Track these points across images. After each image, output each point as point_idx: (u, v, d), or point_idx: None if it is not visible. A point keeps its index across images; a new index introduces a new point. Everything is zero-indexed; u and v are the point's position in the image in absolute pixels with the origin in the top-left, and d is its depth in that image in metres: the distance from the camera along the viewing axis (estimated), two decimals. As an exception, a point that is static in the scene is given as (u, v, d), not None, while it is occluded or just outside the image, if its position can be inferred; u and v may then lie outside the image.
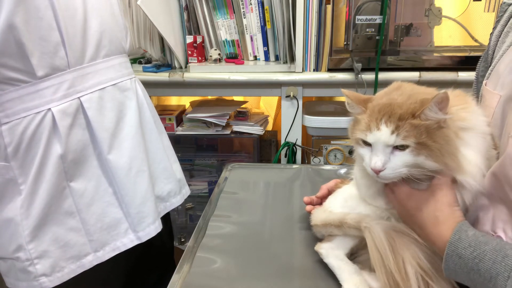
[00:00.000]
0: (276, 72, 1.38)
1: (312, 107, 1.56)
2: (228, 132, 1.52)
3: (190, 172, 1.67)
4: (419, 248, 0.61)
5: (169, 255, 1.23)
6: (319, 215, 0.79)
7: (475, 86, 0.77)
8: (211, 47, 1.50)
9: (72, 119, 0.81)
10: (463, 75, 1.29)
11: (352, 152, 1.41)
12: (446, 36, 1.44)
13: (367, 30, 1.28)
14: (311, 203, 0.87)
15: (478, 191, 0.61)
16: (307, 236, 0.84)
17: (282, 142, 1.46)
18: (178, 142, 1.60)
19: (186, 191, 1.12)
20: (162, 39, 1.47)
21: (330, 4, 1.30)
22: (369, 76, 1.31)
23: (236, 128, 1.53)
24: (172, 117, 1.55)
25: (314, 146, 1.45)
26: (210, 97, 1.73)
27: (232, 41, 1.49)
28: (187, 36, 1.46)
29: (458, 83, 1.30)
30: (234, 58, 1.49)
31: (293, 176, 1.21)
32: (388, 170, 0.59)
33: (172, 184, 1.04)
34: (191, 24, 1.48)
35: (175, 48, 1.43)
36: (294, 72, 1.37)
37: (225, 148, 1.69)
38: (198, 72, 1.41)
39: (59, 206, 0.81)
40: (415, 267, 0.60)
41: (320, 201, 0.86)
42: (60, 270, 0.82)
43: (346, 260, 0.71)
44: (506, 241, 0.55)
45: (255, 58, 1.49)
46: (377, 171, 0.59)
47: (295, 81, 1.37)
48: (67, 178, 0.82)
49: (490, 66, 0.70)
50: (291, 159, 1.46)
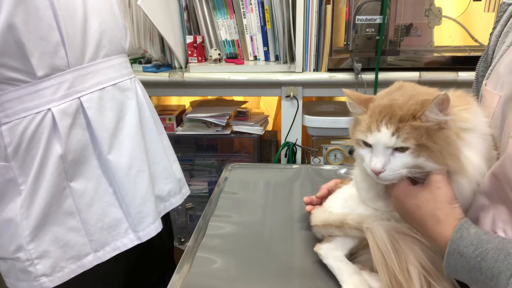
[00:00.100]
0: (276, 72, 1.38)
1: (312, 107, 1.56)
2: (228, 132, 1.52)
3: (190, 172, 1.67)
4: (421, 249, 0.61)
5: (169, 255, 1.23)
6: (319, 215, 0.79)
7: (475, 86, 0.77)
8: (211, 47, 1.50)
9: (72, 119, 0.81)
10: (463, 75, 1.29)
11: (352, 152, 1.41)
12: (446, 36, 1.44)
13: (367, 30, 1.28)
14: (311, 203, 0.87)
15: (478, 191, 0.61)
16: (307, 236, 0.84)
17: (282, 142, 1.46)
18: (178, 142, 1.60)
19: (186, 191, 1.12)
20: (162, 39, 1.47)
21: (330, 4, 1.30)
22: (369, 76, 1.31)
23: (236, 128, 1.53)
24: (172, 117, 1.55)
25: (314, 146, 1.45)
26: (210, 97, 1.73)
27: (232, 41, 1.49)
28: (187, 36, 1.46)
29: (458, 83, 1.30)
30: (234, 58, 1.49)
31: (293, 176, 1.21)
32: (388, 172, 0.59)
33: (172, 184, 1.04)
34: (191, 24, 1.48)
35: (175, 48, 1.43)
36: (294, 72, 1.37)
37: (225, 148, 1.69)
38: (198, 72, 1.41)
39: (59, 206, 0.81)
40: (418, 268, 0.60)
41: (320, 201, 0.86)
42: (60, 270, 0.82)
43: (345, 260, 0.71)
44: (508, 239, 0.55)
45: (255, 58, 1.49)
46: (376, 173, 0.59)
47: (295, 81, 1.37)
48: (67, 178, 0.82)
49: (490, 66, 0.70)
50: (291, 159, 1.46)
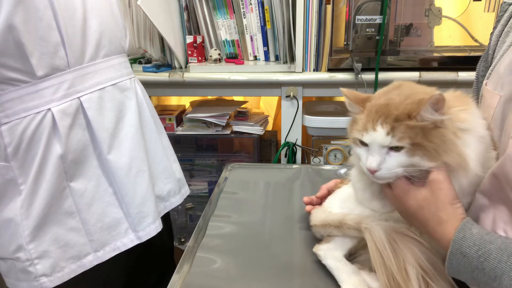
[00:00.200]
0: (276, 72, 1.38)
1: (312, 107, 1.56)
2: (228, 132, 1.52)
3: (190, 172, 1.67)
4: (420, 249, 0.61)
5: (169, 255, 1.23)
6: (318, 215, 0.79)
7: (475, 86, 0.77)
8: (211, 47, 1.50)
9: (72, 119, 0.81)
10: (463, 75, 1.29)
11: (352, 152, 1.41)
12: (446, 36, 1.44)
13: (367, 30, 1.28)
14: (311, 203, 0.87)
15: (478, 191, 0.61)
16: (307, 236, 0.84)
17: (282, 142, 1.46)
18: (178, 142, 1.60)
19: (186, 191, 1.12)
20: (162, 39, 1.47)
21: (330, 4, 1.30)
22: (369, 76, 1.31)
23: (236, 128, 1.53)
24: (172, 117, 1.55)
25: (314, 146, 1.45)
26: (210, 97, 1.73)
27: (232, 41, 1.49)
28: (187, 36, 1.46)
29: (458, 83, 1.30)
30: (234, 58, 1.49)
31: (293, 176, 1.21)
32: (384, 171, 0.59)
33: (171, 183, 1.04)
34: (191, 24, 1.48)
35: (175, 48, 1.43)
36: (294, 72, 1.37)
37: (225, 148, 1.69)
38: (198, 72, 1.41)
39: (59, 206, 0.81)
40: (416, 268, 0.60)
41: (320, 201, 0.86)
42: (60, 270, 0.82)
43: (344, 261, 0.71)
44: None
45: (255, 58, 1.49)
46: (372, 171, 0.59)
47: (295, 81, 1.37)
48: (67, 178, 0.82)
49: (490, 66, 0.69)
50: (291, 159, 1.46)
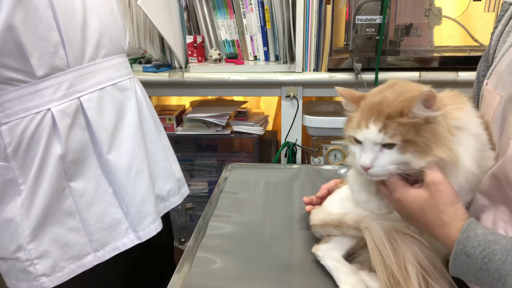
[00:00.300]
0: (276, 72, 1.38)
1: (312, 107, 1.56)
2: (228, 132, 1.52)
3: (190, 172, 1.67)
4: (420, 248, 0.61)
5: (169, 255, 1.23)
6: (318, 215, 0.79)
7: (476, 86, 0.77)
8: (211, 47, 1.50)
9: (71, 119, 0.81)
10: (463, 75, 1.29)
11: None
12: (446, 36, 1.44)
13: (367, 30, 1.28)
14: (310, 203, 0.87)
15: (478, 191, 0.61)
16: (307, 236, 0.84)
17: (282, 142, 1.46)
18: (178, 142, 1.60)
19: (185, 191, 1.12)
20: (162, 39, 1.47)
21: (330, 4, 1.30)
22: (369, 76, 1.31)
23: (236, 128, 1.53)
24: (172, 117, 1.55)
25: (314, 146, 1.45)
26: (210, 97, 1.73)
27: (232, 41, 1.49)
28: (187, 36, 1.45)
29: (458, 83, 1.30)
30: (234, 58, 1.49)
31: (293, 176, 1.21)
32: (376, 168, 0.59)
33: (171, 183, 1.04)
34: (191, 24, 1.48)
35: (175, 48, 1.43)
36: (294, 72, 1.37)
37: (225, 148, 1.69)
38: (198, 72, 1.41)
39: (59, 206, 0.81)
40: (416, 266, 0.60)
41: (320, 201, 0.86)
42: (60, 270, 0.82)
43: (342, 261, 0.71)
44: None
45: (255, 58, 1.49)
46: (365, 168, 0.60)
47: (295, 81, 1.37)
48: (67, 178, 0.82)
49: (491, 66, 0.69)
50: (291, 159, 1.46)
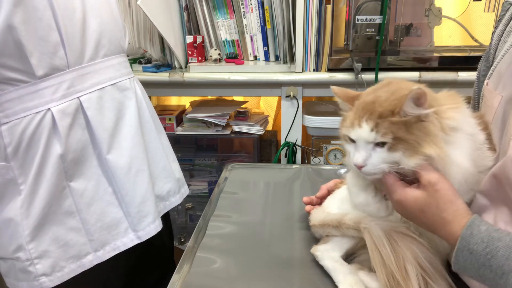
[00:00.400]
0: (276, 72, 1.38)
1: (312, 107, 1.56)
2: (228, 132, 1.52)
3: (190, 172, 1.67)
4: (419, 248, 0.61)
5: (169, 255, 1.23)
6: (317, 215, 0.79)
7: (477, 86, 0.76)
8: (211, 47, 1.50)
9: (71, 119, 0.81)
10: (463, 75, 1.29)
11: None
12: (446, 36, 1.44)
13: (367, 30, 1.28)
14: (310, 203, 0.87)
15: (478, 191, 0.61)
16: (307, 236, 0.84)
17: (282, 142, 1.46)
18: (178, 142, 1.60)
19: (185, 190, 1.12)
20: (162, 39, 1.47)
21: (330, 4, 1.30)
22: (369, 76, 1.31)
23: (236, 128, 1.53)
24: (172, 117, 1.55)
25: (314, 146, 1.45)
26: (210, 97, 1.73)
27: (232, 41, 1.49)
28: (187, 36, 1.46)
29: (458, 83, 1.30)
30: (234, 58, 1.49)
31: (293, 176, 1.21)
32: (369, 166, 0.60)
33: (171, 183, 1.04)
34: (191, 24, 1.48)
35: (175, 48, 1.43)
36: (294, 72, 1.37)
37: (225, 148, 1.69)
38: (198, 72, 1.41)
39: (59, 206, 0.81)
40: (416, 266, 0.60)
41: (320, 201, 0.86)
42: (60, 269, 0.82)
43: (341, 261, 0.71)
44: None
45: (255, 58, 1.49)
46: (358, 167, 0.61)
47: (295, 81, 1.37)
48: (67, 178, 0.82)
49: (491, 66, 0.69)
50: (291, 159, 1.46)
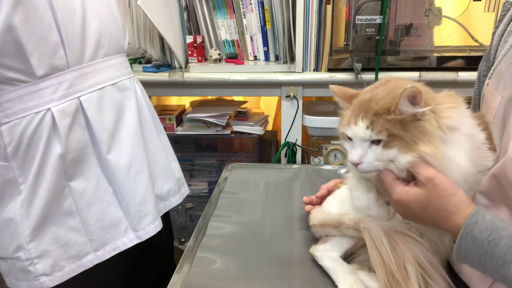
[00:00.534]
0: (276, 72, 1.38)
1: (312, 107, 1.56)
2: (228, 132, 1.52)
3: (190, 172, 1.67)
4: (419, 249, 0.62)
5: (169, 255, 1.23)
6: (317, 215, 0.79)
7: (477, 86, 0.76)
8: (211, 47, 1.50)
9: (71, 119, 0.81)
10: (463, 75, 1.29)
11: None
12: (446, 36, 1.44)
13: (367, 30, 1.28)
14: (310, 203, 0.87)
15: (478, 192, 0.61)
16: (307, 236, 0.84)
17: (282, 142, 1.46)
18: (178, 142, 1.60)
19: (185, 190, 1.12)
20: (162, 39, 1.47)
21: (330, 4, 1.30)
22: (369, 76, 1.31)
23: (236, 128, 1.53)
24: (172, 117, 1.55)
25: (314, 146, 1.45)
26: (210, 97, 1.73)
27: (232, 41, 1.49)
28: (187, 36, 1.46)
29: (458, 83, 1.30)
30: (234, 58, 1.49)
31: (293, 176, 1.21)
32: (365, 164, 0.61)
33: (171, 183, 1.04)
34: (191, 24, 1.48)
35: (175, 48, 1.43)
36: (294, 72, 1.37)
37: (225, 148, 1.69)
38: (198, 72, 1.41)
39: (59, 206, 0.81)
40: (416, 266, 0.60)
41: (320, 201, 0.86)
42: (60, 269, 0.82)
43: (340, 261, 0.71)
44: None
45: (255, 58, 1.49)
46: (355, 164, 0.61)
47: (295, 81, 1.37)
48: (67, 177, 0.82)
49: (492, 66, 0.69)
50: (291, 159, 1.46)
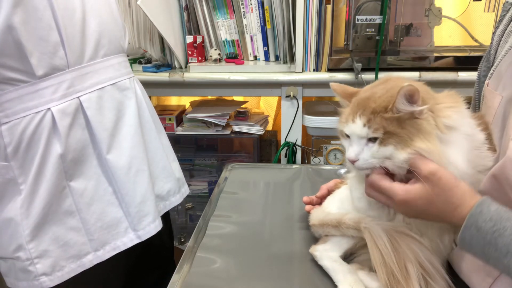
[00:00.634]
0: (276, 72, 1.38)
1: (312, 107, 1.56)
2: (228, 132, 1.52)
3: (190, 172, 1.67)
4: (420, 249, 0.62)
5: (169, 255, 1.23)
6: (317, 215, 0.79)
7: (477, 86, 0.76)
8: (211, 47, 1.50)
9: (71, 118, 0.81)
10: (463, 75, 1.29)
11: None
12: (446, 36, 1.44)
13: (367, 30, 1.28)
14: (310, 203, 0.87)
15: (478, 191, 0.61)
16: (307, 236, 0.84)
17: (282, 142, 1.46)
18: (178, 142, 1.60)
19: (186, 190, 1.12)
20: (162, 39, 1.47)
21: (330, 4, 1.30)
22: (369, 76, 1.31)
23: (236, 128, 1.53)
24: (172, 117, 1.55)
25: (314, 146, 1.45)
26: (210, 97, 1.73)
27: (232, 41, 1.49)
28: (187, 36, 1.46)
29: (458, 83, 1.30)
30: (234, 58, 1.49)
31: (293, 176, 1.21)
32: (361, 161, 0.61)
33: (171, 183, 1.04)
34: (191, 24, 1.48)
35: (175, 48, 1.43)
36: (294, 72, 1.37)
37: (225, 148, 1.69)
38: (198, 72, 1.41)
39: (59, 206, 0.81)
40: (417, 266, 0.60)
41: (320, 201, 0.86)
42: (60, 269, 0.82)
43: (340, 261, 0.71)
44: None
45: (255, 58, 1.49)
46: (351, 161, 0.62)
47: (295, 81, 1.37)
48: (67, 177, 0.82)
49: (492, 66, 0.69)
50: (291, 159, 1.46)
